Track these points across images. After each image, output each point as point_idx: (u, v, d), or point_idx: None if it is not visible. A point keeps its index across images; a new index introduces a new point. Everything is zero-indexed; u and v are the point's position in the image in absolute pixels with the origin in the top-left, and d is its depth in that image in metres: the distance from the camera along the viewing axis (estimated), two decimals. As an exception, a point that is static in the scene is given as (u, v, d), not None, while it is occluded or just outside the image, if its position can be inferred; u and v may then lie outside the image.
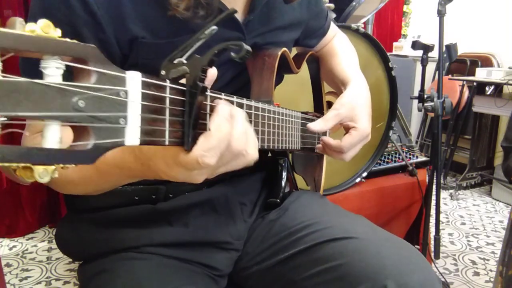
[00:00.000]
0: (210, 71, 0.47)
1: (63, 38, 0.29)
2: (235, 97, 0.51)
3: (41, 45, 0.28)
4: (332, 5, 1.57)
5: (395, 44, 3.73)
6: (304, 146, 0.81)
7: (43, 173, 0.28)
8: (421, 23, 3.85)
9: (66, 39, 0.29)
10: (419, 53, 1.67)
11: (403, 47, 3.59)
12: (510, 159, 1.26)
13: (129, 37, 0.59)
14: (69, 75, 0.31)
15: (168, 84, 0.39)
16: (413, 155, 1.79)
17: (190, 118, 0.41)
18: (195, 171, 0.45)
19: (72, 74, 0.32)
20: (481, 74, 2.79)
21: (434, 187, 1.66)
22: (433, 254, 1.70)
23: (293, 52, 0.95)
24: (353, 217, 0.77)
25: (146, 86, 0.36)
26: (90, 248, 0.72)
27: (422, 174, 1.71)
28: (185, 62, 0.42)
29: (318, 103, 1.03)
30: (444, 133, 3.14)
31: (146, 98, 0.36)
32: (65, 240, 0.76)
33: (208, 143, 0.42)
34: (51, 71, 0.29)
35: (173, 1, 0.58)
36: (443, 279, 1.82)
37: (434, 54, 1.72)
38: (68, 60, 0.30)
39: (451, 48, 1.88)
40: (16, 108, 0.26)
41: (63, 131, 0.30)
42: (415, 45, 1.68)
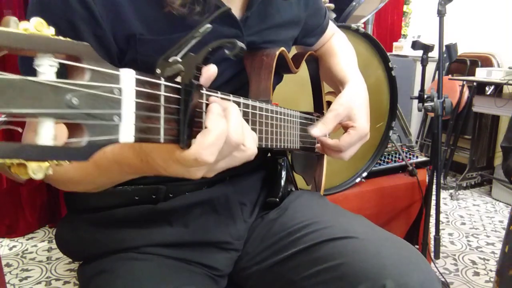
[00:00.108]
0: (210, 69, 0.47)
1: (56, 36, 0.29)
2: (232, 96, 0.51)
3: (34, 43, 0.28)
4: (332, 5, 1.57)
5: (395, 44, 3.73)
6: (303, 145, 0.81)
7: (37, 169, 0.28)
8: (421, 23, 3.85)
9: (59, 37, 0.29)
10: (419, 53, 1.67)
11: (403, 47, 3.59)
12: (510, 159, 1.26)
13: (126, 33, 0.59)
14: (63, 72, 0.31)
15: (162, 82, 0.39)
16: (413, 155, 1.79)
17: (185, 116, 0.41)
18: (193, 168, 0.45)
19: (66, 71, 0.32)
20: (481, 74, 2.79)
21: (434, 187, 1.66)
22: (433, 254, 1.70)
23: (293, 52, 0.95)
24: (353, 217, 0.77)
25: (140, 83, 0.36)
26: (90, 248, 0.72)
27: (422, 174, 1.71)
28: (180, 60, 0.42)
29: (318, 103, 1.03)
30: (444, 133, 3.13)
31: (140, 95, 0.36)
32: (65, 240, 0.76)
33: (206, 140, 0.42)
34: (45, 69, 0.29)
35: None
36: (443, 279, 1.81)
37: (434, 54, 1.72)
38: (62, 57, 0.30)
39: (451, 48, 1.88)
40: (10, 105, 0.26)
41: (58, 129, 0.30)
42: (415, 45, 1.67)
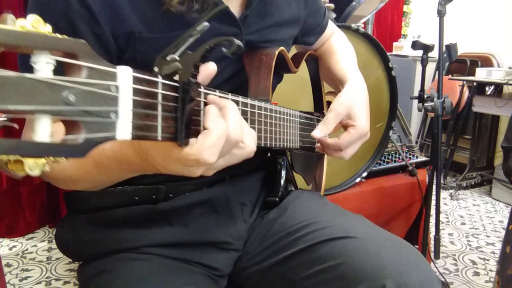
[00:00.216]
0: (209, 67, 0.47)
1: (53, 33, 0.29)
2: (230, 94, 0.51)
3: (31, 40, 0.28)
4: (332, 5, 1.57)
5: (395, 44, 3.73)
6: (303, 145, 0.81)
7: (33, 166, 0.28)
8: (421, 23, 3.85)
9: (56, 34, 0.29)
10: (419, 53, 1.67)
11: (403, 47, 3.60)
12: (510, 159, 1.26)
13: (125, 31, 0.59)
14: (60, 70, 0.31)
15: (160, 80, 0.40)
16: (413, 155, 1.79)
17: (183, 114, 0.41)
18: (193, 167, 0.45)
19: (63, 69, 0.32)
20: (481, 74, 2.79)
21: (434, 187, 1.66)
22: (433, 254, 1.70)
23: (293, 51, 0.95)
24: (353, 216, 0.77)
25: (138, 81, 0.37)
26: (90, 248, 0.72)
27: (422, 174, 1.71)
28: (177, 58, 0.43)
29: (318, 103, 1.03)
30: (444, 133, 3.13)
31: (137, 93, 0.36)
32: (65, 241, 0.76)
33: (208, 141, 0.43)
34: (41, 66, 0.29)
35: None
36: (443, 279, 1.81)
37: (434, 54, 1.72)
38: (59, 55, 0.30)
39: (451, 48, 1.88)
40: (6, 101, 0.26)
41: (56, 126, 0.30)
42: (415, 45, 1.67)
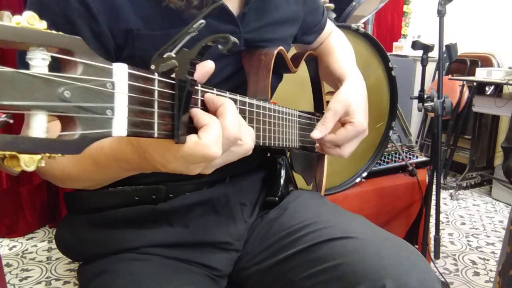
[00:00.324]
0: (206, 65, 0.47)
1: (48, 30, 0.29)
2: (228, 93, 0.51)
3: (26, 36, 0.28)
4: (332, 5, 1.57)
5: (395, 44, 3.73)
6: (302, 145, 0.81)
7: (29, 161, 0.29)
8: (421, 23, 3.85)
9: (52, 30, 0.30)
10: (419, 53, 1.67)
11: (403, 47, 3.60)
12: (510, 159, 1.26)
13: (123, 28, 0.59)
14: (56, 66, 0.31)
15: (156, 77, 0.40)
16: (413, 155, 1.79)
17: (179, 112, 0.41)
18: (193, 165, 0.45)
19: (59, 65, 0.32)
20: (481, 74, 2.79)
21: (434, 187, 1.66)
22: (433, 254, 1.70)
23: (293, 51, 0.95)
24: (353, 217, 0.77)
25: (134, 78, 0.37)
26: (90, 248, 0.72)
27: (422, 174, 1.71)
28: (174, 56, 0.43)
29: (318, 103, 1.03)
30: (444, 133, 3.14)
31: (133, 90, 0.37)
32: (65, 241, 0.75)
33: (210, 135, 0.43)
34: (37, 62, 0.29)
35: None
36: (443, 279, 1.81)
37: (434, 54, 1.72)
38: (54, 51, 0.30)
39: (451, 48, 1.88)
40: (1, 97, 0.26)
41: (52, 125, 0.30)
42: (415, 45, 1.67)
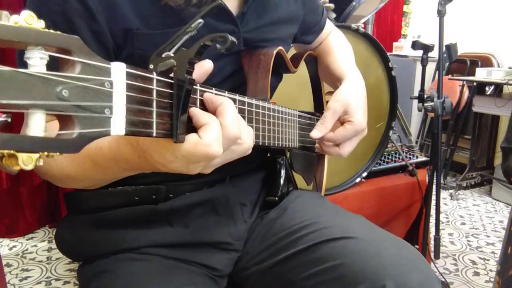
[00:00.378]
0: (205, 64, 0.47)
1: (46, 29, 0.29)
2: (227, 92, 0.51)
3: (24, 35, 0.28)
4: (332, 5, 1.57)
5: (395, 44, 3.73)
6: (302, 144, 0.81)
7: (27, 160, 0.29)
8: (421, 23, 3.85)
9: (50, 30, 0.30)
10: (419, 53, 1.67)
11: (403, 47, 3.59)
12: (510, 159, 1.26)
13: (122, 27, 0.59)
14: (54, 65, 0.31)
15: (154, 76, 0.40)
16: (413, 155, 1.79)
17: (178, 111, 0.42)
18: (193, 164, 0.46)
19: (57, 64, 0.32)
20: (481, 74, 2.79)
21: (434, 187, 1.66)
22: (433, 254, 1.70)
23: (292, 52, 0.95)
24: (353, 217, 0.77)
25: (132, 77, 0.37)
26: (90, 248, 0.72)
27: (422, 174, 1.71)
28: (172, 55, 0.43)
29: (318, 103, 1.03)
30: (444, 133, 3.13)
31: (131, 89, 0.37)
32: (65, 241, 0.76)
33: (211, 134, 0.43)
34: (35, 61, 0.29)
35: None
36: (443, 279, 1.81)
37: (434, 54, 1.72)
38: (52, 50, 0.30)
39: (451, 48, 1.88)
40: None
41: (51, 125, 0.30)
42: (415, 45, 1.67)
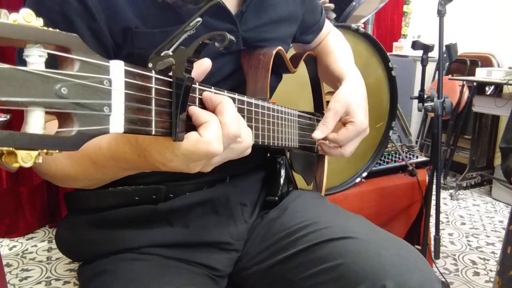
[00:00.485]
0: (204, 63, 0.47)
1: (45, 27, 0.30)
2: (226, 91, 0.51)
3: (23, 33, 0.28)
4: (332, 5, 1.57)
5: (395, 44, 3.73)
6: (302, 144, 0.81)
7: (26, 157, 0.29)
8: (421, 23, 3.85)
9: (49, 28, 0.30)
10: (419, 53, 1.67)
11: (403, 47, 3.60)
12: (509, 159, 1.26)
13: (121, 26, 0.59)
14: (53, 63, 0.31)
15: (153, 74, 0.40)
16: (413, 155, 1.79)
17: (177, 109, 0.42)
18: (193, 163, 0.46)
19: (56, 62, 0.32)
20: (481, 74, 2.79)
21: (434, 187, 1.66)
22: (433, 254, 1.70)
23: (291, 52, 0.95)
24: (353, 217, 0.77)
25: (131, 75, 0.37)
26: (90, 248, 0.72)
27: (422, 174, 1.71)
28: (171, 54, 0.43)
29: (318, 104, 1.03)
30: (444, 133, 3.14)
31: (130, 87, 0.37)
32: (65, 241, 0.75)
33: (211, 132, 0.43)
34: (34, 59, 0.29)
35: None
36: (443, 279, 1.82)
37: (434, 54, 1.72)
38: (51, 48, 0.30)
39: (451, 48, 1.88)
40: None
41: (50, 124, 0.30)
42: (415, 45, 1.67)
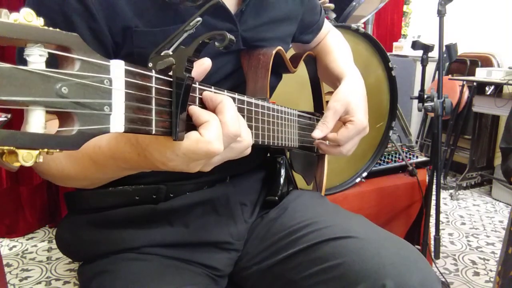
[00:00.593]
0: (204, 63, 0.47)
1: (45, 27, 0.30)
2: (226, 91, 0.51)
3: (23, 32, 0.28)
4: (332, 5, 1.57)
5: (395, 44, 3.73)
6: (302, 144, 0.81)
7: (27, 156, 0.29)
8: (421, 23, 3.85)
9: (49, 27, 0.30)
10: (419, 53, 1.67)
11: (403, 47, 3.60)
12: (509, 160, 1.26)
13: (121, 25, 0.59)
14: (54, 63, 0.32)
15: (153, 74, 0.40)
16: (413, 155, 1.79)
17: (177, 109, 0.42)
18: (193, 162, 0.46)
19: (57, 62, 0.32)
20: (481, 74, 2.79)
21: (434, 187, 1.66)
22: (433, 254, 1.70)
23: (292, 52, 0.95)
24: (353, 216, 0.77)
25: (131, 75, 0.37)
26: (90, 248, 0.72)
27: (422, 174, 1.71)
28: (171, 53, 0.43)
29: (317, 103, 1.04)
30: (444, 133, 3.14)
31: (130, 86, 0.37)
32: (65, 241, 0.76)
33: (211, 131, 0.44)
34: (35, 58, 0.29)
35: None
36: (443, 279, 1.82)
37: (434, 54, 1.72)
38: (51, 48, 0.30)
39: (451, 48, 1.88)
40: None
41: (50, 124, 0.30)
42: (415, 45, 1.67)
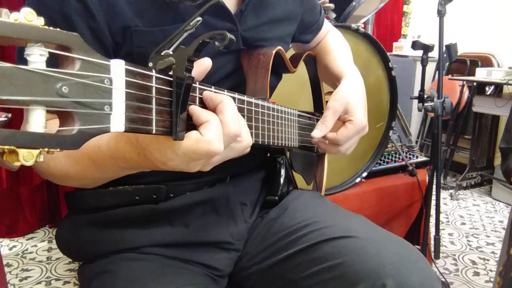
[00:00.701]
0: (204, 62, 0.47)
1: (46, 26, 0.30)
2: (226, 91, 0.51)
3: (24, 32, 0.28)
4: (332, 5, 1.57)
5: (395, 44, 3.73)
6: (302, 144, 0.81)
7: (28, 156, 0.29)
8: (421, 23, 3.86)
9: (50, 27, 0.30)
10: (419, 53, 1.67)
11: (403, 47, 3.60)
12: (509, 160, 1.26)
13: (121, 25, 0.59)
14: (54, 62, 0.32)
15: (154, 73, 0.40)
16: (413, 155, 1.79)
17: (177, 108, 0.42)
18: (193, 162, 0.46)
19: (57, 61, 0.32)
20: (481, 74, 2.79)
21: (434, 187, 1.66)
22: (433, 254, 1.70)
23: (291, 52, 0.95)
24: (353, 216, 0.77)
25: (131, 74, 0.37)
26: (90, 248, 0.72)
27: (422, 174, 1.71)
28: (171, 53, 0.43)
29: (317, 103, 1.04)
30: (444, 133, 3.14)
31: (130, 86, 0.37)
32: (66, 241, 0.76)
33: (211, 131, 0.44)
34: (35, 58, 0.29)
35: None
36: (443, 279, 1.82)
37: (434, 54, 1.72)
38: (52, 47, 0.31)
39: (451, 48, 1.88)
40: None
41: (51, 123, 0.30)
42: (415, 45, 1.67)
